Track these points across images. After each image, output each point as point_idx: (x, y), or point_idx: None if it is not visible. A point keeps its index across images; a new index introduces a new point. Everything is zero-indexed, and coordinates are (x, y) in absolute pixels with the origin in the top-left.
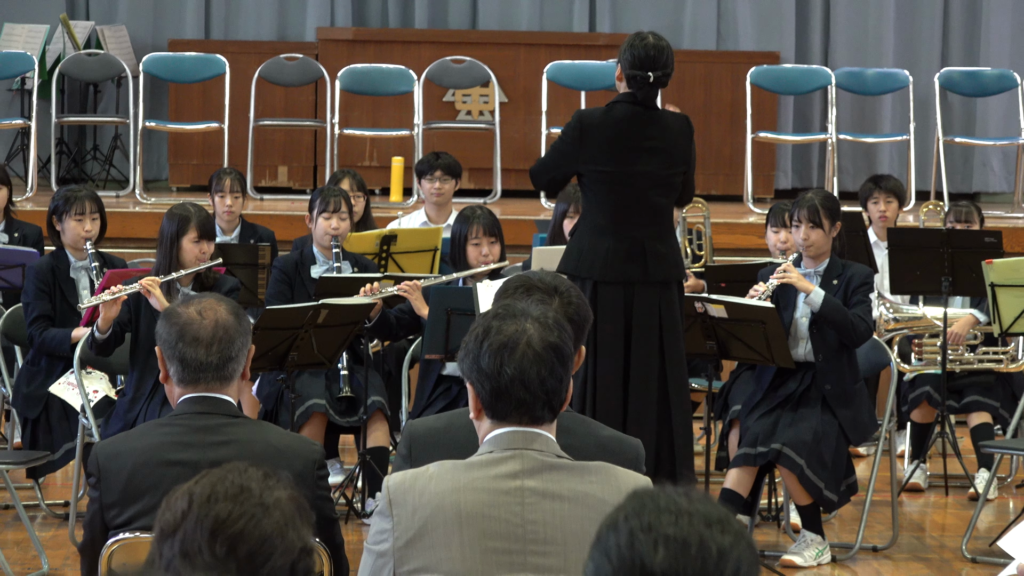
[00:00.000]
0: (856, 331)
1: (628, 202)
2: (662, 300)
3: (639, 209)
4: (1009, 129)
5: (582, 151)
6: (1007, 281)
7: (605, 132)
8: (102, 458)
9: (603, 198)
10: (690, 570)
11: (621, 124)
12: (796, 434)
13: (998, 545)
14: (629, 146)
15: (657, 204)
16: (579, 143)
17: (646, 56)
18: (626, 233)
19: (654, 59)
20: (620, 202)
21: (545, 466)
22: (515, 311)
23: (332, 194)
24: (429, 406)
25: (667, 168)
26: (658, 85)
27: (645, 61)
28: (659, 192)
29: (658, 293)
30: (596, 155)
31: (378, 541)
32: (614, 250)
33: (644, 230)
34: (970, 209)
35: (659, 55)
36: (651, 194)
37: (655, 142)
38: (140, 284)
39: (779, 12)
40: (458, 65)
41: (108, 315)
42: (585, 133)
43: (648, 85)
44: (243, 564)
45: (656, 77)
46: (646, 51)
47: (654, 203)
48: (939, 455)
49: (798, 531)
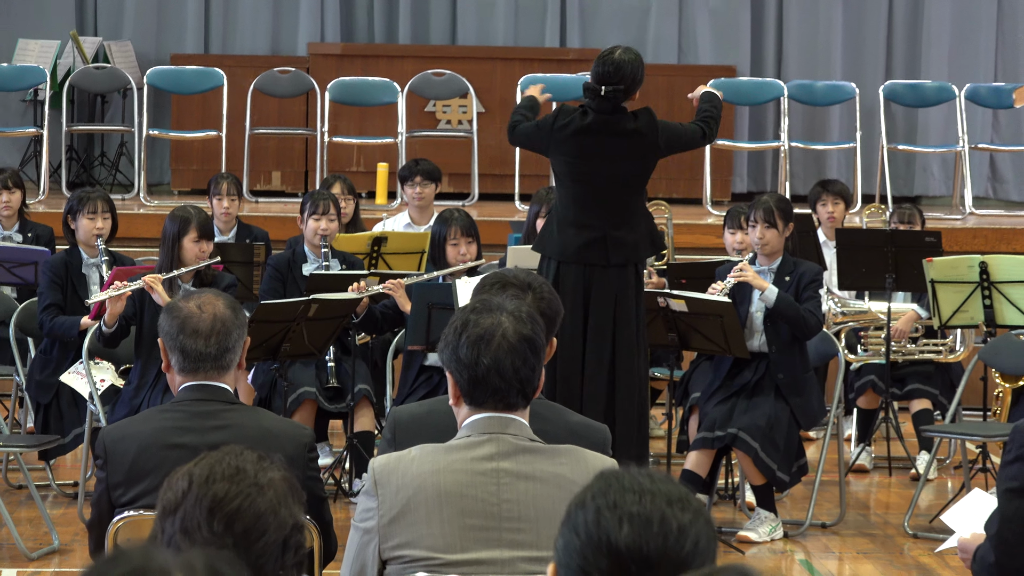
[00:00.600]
0: (807, 325)
1: (591, 198)
2: (619, 284)
3: (602, 205)
4: (948, 137)
5: (552, 136)
6: (946, 278)
7: (574, 129)
8: (108, 442)
9: (569, 191)
10: (652, 545)
11: (590, 127)
12: (751, 419)
13: (940, 520)
14: (594, 148)
15: (621, 200)
16: (551, 128)
17: (602, 72)
18: (588, 224)
19: (609, 75)
20: (584, 197)
21: (519, 449)
22: (491, 306)
23: (321, 197)
24: (412, 394)
25: (632, 169)
26: (610, 99)
27: (599, 76)
28: (624, 190)
29: (616, 277)
30: (563, 148)
31: (364, 519)
32: (576, 237)
33: (606, 222)
34: (912, 211)
35: (615, 71)
36: (616, 192)
37: (620, 148)
38: (143, 280)
39: (736, 29)
40: (439, 78)
41: (114, 310)
42: (558, 122)
43: (599, 98)
44: (239, 539)
45: (606, 92)
46: (603, 67)
47: (618, 200)
48: (883, 439)
49: (753, 509)
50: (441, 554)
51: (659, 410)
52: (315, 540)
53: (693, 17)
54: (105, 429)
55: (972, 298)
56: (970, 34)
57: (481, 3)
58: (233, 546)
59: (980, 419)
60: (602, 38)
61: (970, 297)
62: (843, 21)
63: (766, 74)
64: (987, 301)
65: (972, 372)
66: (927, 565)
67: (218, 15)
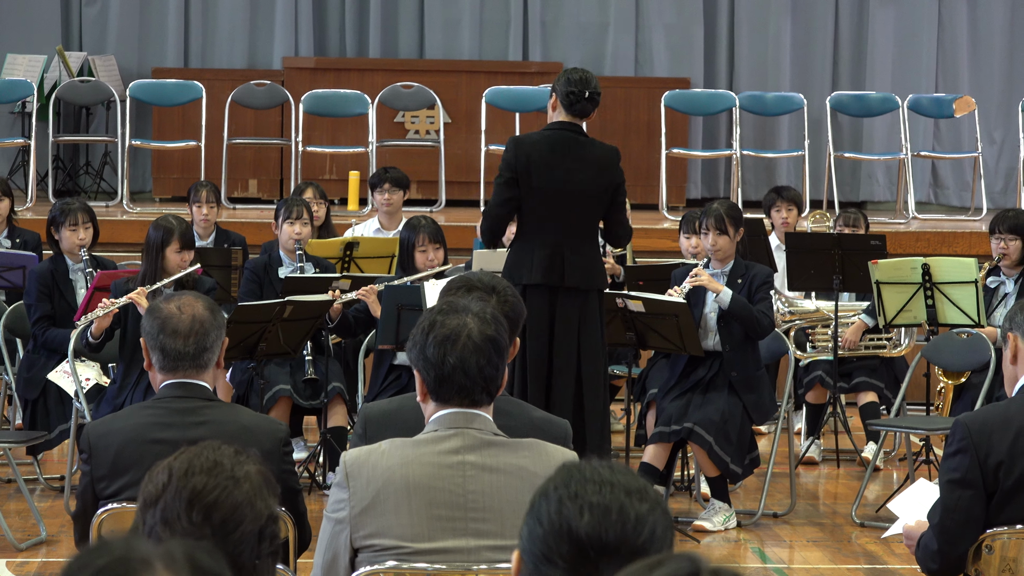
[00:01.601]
0: (760, 325)
1: (553, 215)
2: (582, 306)
3: (561, 222)
4: (892, 145)
5: (517, 169)
6: (890, 279)
7: (537, 150)
8: (92, 437)
9: (531, 210)
10: (611, 533)
11: (553, 145)
12: (705, 414)
13: (886, 509)
14: (557, 165)
15: (579, 218)
16: (515, 162)
17: (580, 79)
18: (548, 241)
19: (587, 81)
20: (546, 214)
21: (484, 443)
22: (457, 307)
23: (295, 204)
24: (382, 391)
25: (591, 186)
26: (591, 103)
27: (579, 83)
28: (582, 208)
29: (578, 300)
30: (529, 169)
31: (336, 510)
32: (538, 258)
33: (564, 240)
34: (857, 215)
35: (590, 79)
36: (575, 209)
37: (582, 163)
38: (129, 297)
39: (689, 43)
40: (407, 90)
41: (101, 325)
42: (519, 149)
43: (583, 100)
44: (217, 530)
45: (590, 93)
46: (579, 75)
47: (576, 217)
48: (832, 432)
49: (708, 500)
50: (409, 543)
51: (618, 406)
52: (290, 531)
53: (649, 32)
54: (90, 425)
55: (915, 298)
56: (912, 47)
57: (447, 19)
58: (211, 536)
59: (923, 414)
60: (563, 52)
61: (913, 297)
62: (791, 35)
63: (719, 86)
64: (929, 301)
65: (916, 368)
66: (874, 552)
67: (197, 31)
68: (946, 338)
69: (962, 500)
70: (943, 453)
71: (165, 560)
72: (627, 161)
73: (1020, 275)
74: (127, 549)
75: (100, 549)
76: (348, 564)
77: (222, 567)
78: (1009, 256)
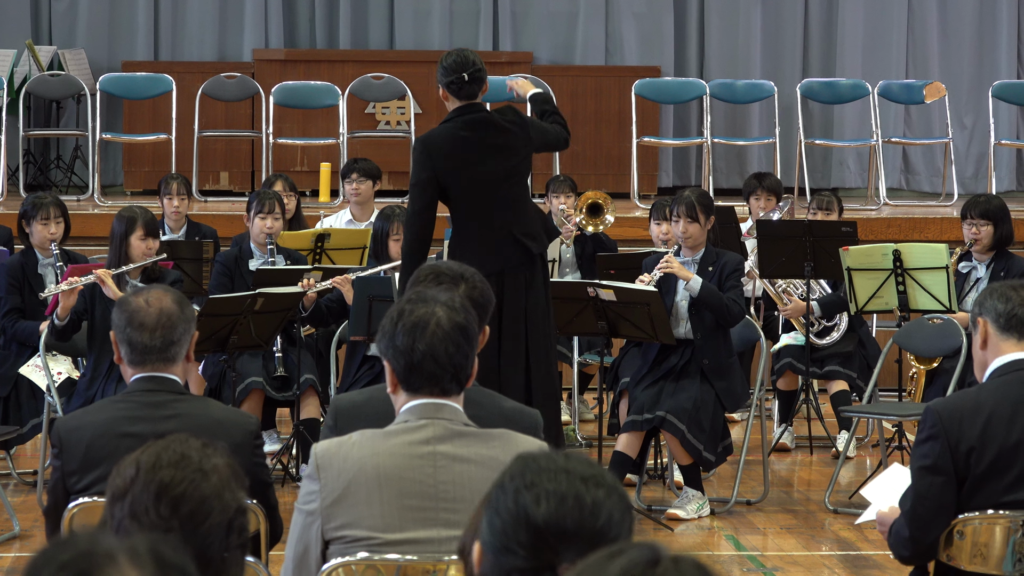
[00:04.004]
0: (731, 313)
1: (485, 200)
2: (527, 282)
3: (495, 203)
4: (862, 132)
5: (434, 167)
6: (861, 265)
7: (447, 144)
8: (63, 431)
9: (461, 202)
10: (568, 520)
11: (458, 133)
12: (678, 403)
13: (859, 496)
14: (471, 151)
15: (509, 195)
16: (429, 160)
17: (454, 63)
18: (492, 225)
19: (463, 63)
20: (478, 202)
21: (454, 433)
22: (426, 296)
23: (267, 197)
24: (355, 382)
25: (510, 161)
26: (476, 83)
27: (455, 68)
28: (508, 184)
29: (523, 276)
30: (446, 165)
31: (307, 501)
32: (485, 243)
33: (505, 219)
34: (831, 198)
35: (464, 60)
36: (502, 188)
37: (493, 141)
38: (95, 273)
39: (660, 32)
40: (378, 81)
41: (67, 304)
42: (429, 149)
43: (467, 84)
44: (185, 522)
45: (470, 74)
46: (452, 59)
47: (506, 195)
48: (804, 419)
49: (681, 488)
50: (380, 533)
51: (591, 395)
52: (261, 524)
53: (619, 21)
54: (60, 419)
55: (887, 284)
56: (882, 34)
57: (418, 9)
58: (180, 528)
59: (896, 399)
60: (533, 41)
61: (885, 283)
62: (761, 23)
63: (689, 74)
64: (901, 287)
65: (888, 354)
66: (847, 539)
67: (167, 23)
68: (918, 324)
69: (933, 487)
70: (915, 440)
71: (129, 554)
72: (599, 149)
73: (992, 260)
74: (91, 544)
75: (65, 544)
76: (319, 556)
77: (186, 561)
78: (981, 241)
